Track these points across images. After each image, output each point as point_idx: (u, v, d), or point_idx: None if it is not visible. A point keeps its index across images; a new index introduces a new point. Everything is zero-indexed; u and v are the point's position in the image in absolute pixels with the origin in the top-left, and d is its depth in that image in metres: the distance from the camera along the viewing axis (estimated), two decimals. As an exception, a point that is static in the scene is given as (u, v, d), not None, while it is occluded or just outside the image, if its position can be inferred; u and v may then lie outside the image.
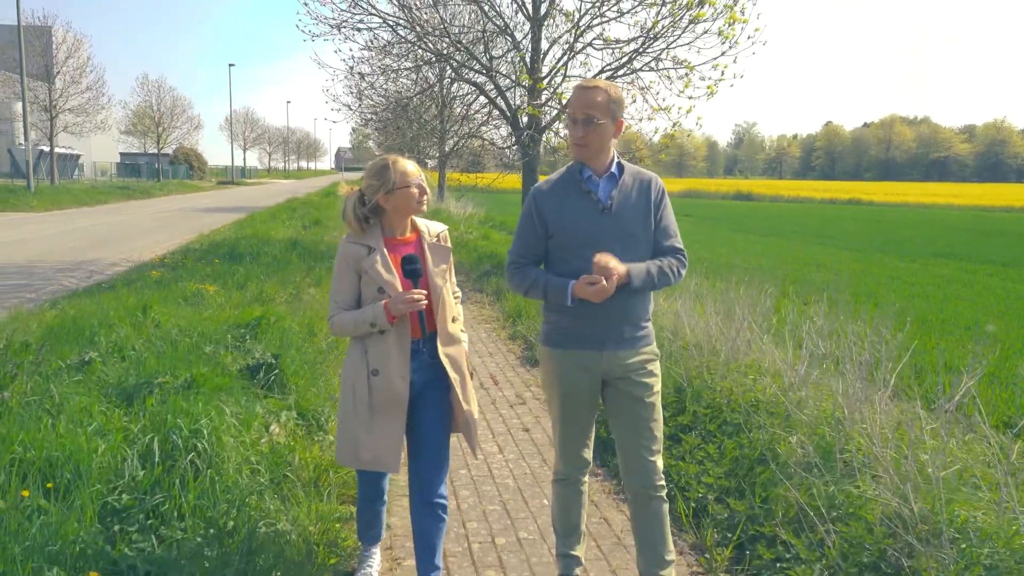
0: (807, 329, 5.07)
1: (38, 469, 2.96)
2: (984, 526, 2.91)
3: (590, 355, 2.81)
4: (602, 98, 2.69)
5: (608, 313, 2.76)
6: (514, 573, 3.35)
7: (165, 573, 2.45)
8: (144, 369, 4.39)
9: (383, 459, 2.77)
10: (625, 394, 2.85)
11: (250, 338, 5.65)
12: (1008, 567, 2.70)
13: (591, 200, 2.78)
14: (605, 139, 2.75)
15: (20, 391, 3.76)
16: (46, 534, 2.49)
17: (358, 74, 14.37)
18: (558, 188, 2.84)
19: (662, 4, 11.15)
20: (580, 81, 2.83)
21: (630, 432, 2.86)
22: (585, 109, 2.70)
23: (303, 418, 4.44)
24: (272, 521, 3.15)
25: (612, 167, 2.81)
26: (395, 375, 2.75)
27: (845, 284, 12.13)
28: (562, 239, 2.79)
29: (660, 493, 2.87)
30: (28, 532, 2.45)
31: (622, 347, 2.81)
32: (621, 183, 2.80)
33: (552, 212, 2.80)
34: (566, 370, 2.86)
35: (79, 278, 11.30)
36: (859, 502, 3.25)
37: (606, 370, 2.83)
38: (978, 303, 12.94)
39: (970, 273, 17.75)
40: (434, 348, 2.85)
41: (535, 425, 5.36)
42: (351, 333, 2.80)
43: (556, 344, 2.88)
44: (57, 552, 2.46)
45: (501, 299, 9.84)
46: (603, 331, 2.79)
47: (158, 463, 3.16)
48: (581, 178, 2.81)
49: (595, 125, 2.69)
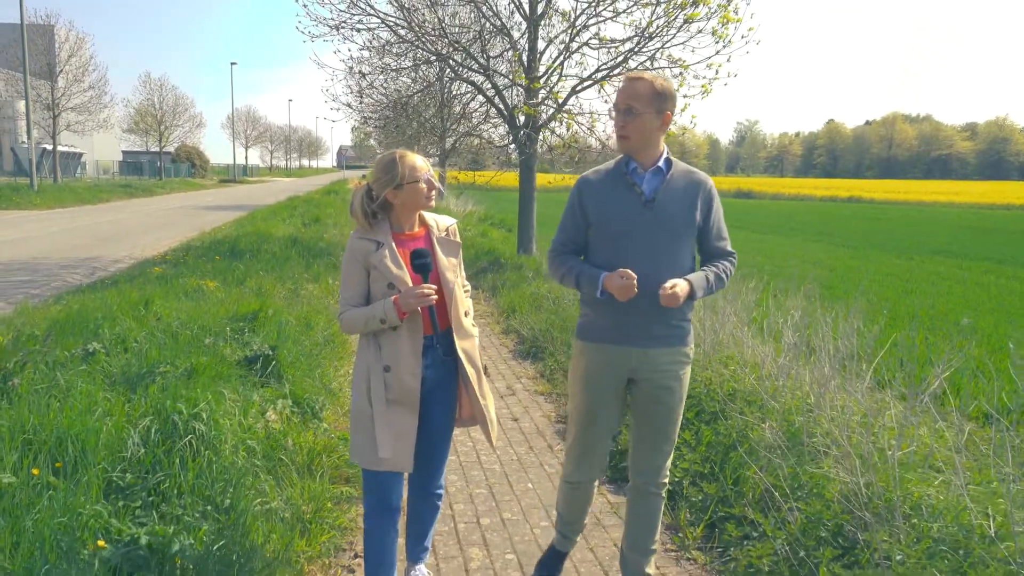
0: (784, 322, 5.26)
1: (48, 450, 3.15)
2: (936, 503, 3.09)
3: (619, 350, 2.80)
4: (645, 89, 2.65)
5: (639, 309, 2.72)
6: (497, 550, 3.54)
7: (166, 545, 2.64)
8: (146, 359, 4.59)
9: (396, 457, 2.70)
10: (648, 393, 2.83)
11: (248, 331, 5.85)
12: (955, 540, 2.88)
13: (634, 192, 2.75)
14: (647, 131, 2.70)
15: (29, 379, 3.97)
16: (55, 508, 2.68)
17: (358, 73, 14.54)
18: (604, 178, 2.82)
19: (656, 4, 11.33)
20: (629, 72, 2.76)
21: (646, 431, 2.88)
22: (627, 99, 2.66)
23: (298, 406, 4.63)
24: (267, 500, 3.34)
25: (660, 161, 2.77)
26: (406, 372, 2.71)
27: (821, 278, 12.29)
28: (601, 229, 2.78)
29: (662, 491, 2.93)
30: (39, 506, 2.63)
31: (651, 345, 2.78)
32: (668, 178, 2.76)
33: (594, 202, 2.79)
34: (593, 364, 2.85)
35: (83, 274, 11.50)
36: (821, 482, 3.44)
37: (634, 367, 2.81)
38: (970, 299, 13.12)
39: (965, 270, 17.91)
40: (448, 344, 2.83)
41: (523, 415, 5.54)
42: (361, 330, 2.75)
43: (587, 337, 2.87)
44: (66, 524, 2.65)
45: (496, 295, 10.03)
46: (632, 327, 2.76)
47: (159, 444, 3.35)
48: (627, 170, 2.78)
49: (635, 115, 2.65)
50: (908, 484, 3.22)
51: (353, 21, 12.41)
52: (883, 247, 23.18)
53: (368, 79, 15.44)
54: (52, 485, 2.87)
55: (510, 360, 7.19)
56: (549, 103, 12.41)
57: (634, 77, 2.70)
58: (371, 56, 14.94)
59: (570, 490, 3.06)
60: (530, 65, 12.39)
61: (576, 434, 2.95)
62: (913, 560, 2.79)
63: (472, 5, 12.74)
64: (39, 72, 38.65)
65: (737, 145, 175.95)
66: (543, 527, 3.79)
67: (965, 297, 13.48)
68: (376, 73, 15.57)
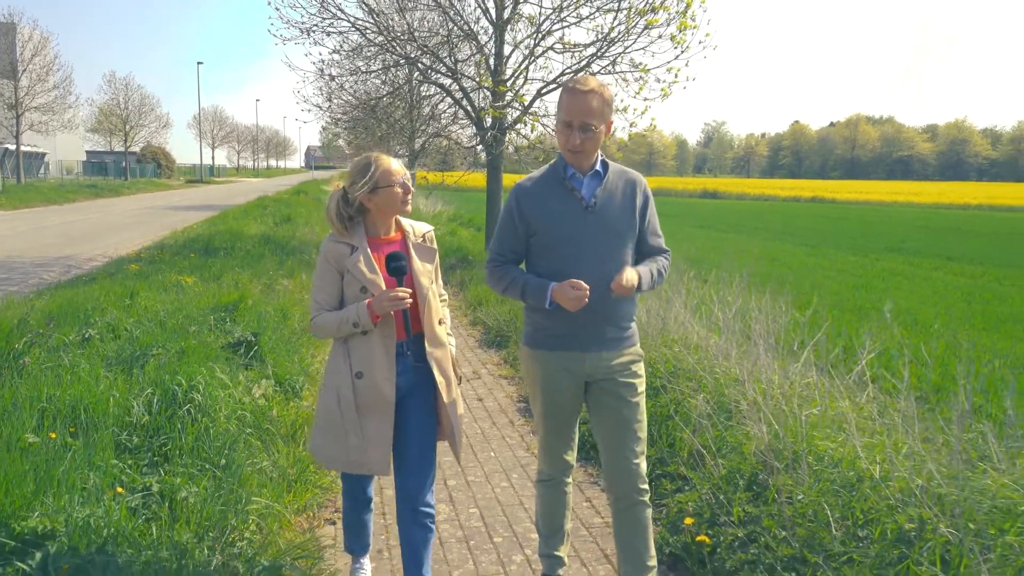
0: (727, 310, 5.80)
1: (62, 417, 3.56)
2: (835, 455, 3.62)
3: (573, 356, 2.77)
4: (597, 103, 2.61)
5: (591, 314, 2.71)
6: (461, 506, 4.02)
7: (174, 491, 3.07)
8: (139, 343, 4.99)
9: (372, 462, 2.70)
10: (608, 395, 2.82)
11: (230, 320, 6.25)
12: (849, 483, 3.40)
13: (575, 198, 2.73)
14: (599, 143, 2.72)
15: (36, 358, 4.36)
16: (77, 462, 3.09)
17: (327, 76, 14.89)
18: (541, 185, 2.79)
19: (617, 10, 11.84)
20: (571, 81, 2.68)
21: (613, 434, 2.84)
22: (582, 117, 2.62)
23: (280, 385, 5.07)
24: (257, 461, 3.77)
25: (597, 165, 2.76)
26: (380, 377, 2.68)
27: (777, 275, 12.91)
28: (544, 237, 2.74)
29: (644, 497, 2.86)
30: (64, 460, 3.04)
31: (605, 348, 2.78)
32: (606, 181, 2.76)
33: (534, 210, 2.75)
34: (549, 371, 2.81)
35: (58, 272, 11.74)
36: (743, 441, 3.96)
37: (589, 371, 2.79)
38: (915, 294, 13.83)
39: (916, 267, 18.63)
40: (420, 350, 2.78)
41: (488, 395, 6.02)
42: (334, 334, 2.72)
43: (539, 345, 2.84)
44: (87, 476, 3.06)
45: (464, 289, 10.50)
46: (586, 332, 2.75)
47: (160, 412, 3.77)
48: (565, 175, 2.75)
49: (592, 133, 2.64)
50: (814, 440, 3.75)
51: (324, 25, 12.78)
52: (840, 245, 23.82)
53: (337, 81, 15.77)
54: (70, 446, 3.28)
55: (476, 349, 7.67)
56: (515, 105, 12.87)
57: (583, 90, 2.61)
58: (341, 59, 15.30)
59: (544, 490, 3.04)
60: (497, 69, 12.82)
61: (542, 433, 2.98)
62: (810, 498, 3.31)
63: (440, 10, 13.16)
64: (1, 71, 38.25)
65: (704, 146, 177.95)
66: (503, 487, 4.27)
67: (912, 291, 14.17)
68: (346, 75, 15.91)
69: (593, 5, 12.02)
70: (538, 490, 3.10)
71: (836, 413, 4.17)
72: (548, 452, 2.99)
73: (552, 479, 3.02)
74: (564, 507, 3.07)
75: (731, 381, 4.79)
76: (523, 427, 5.30)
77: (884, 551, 2.93)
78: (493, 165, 13.60)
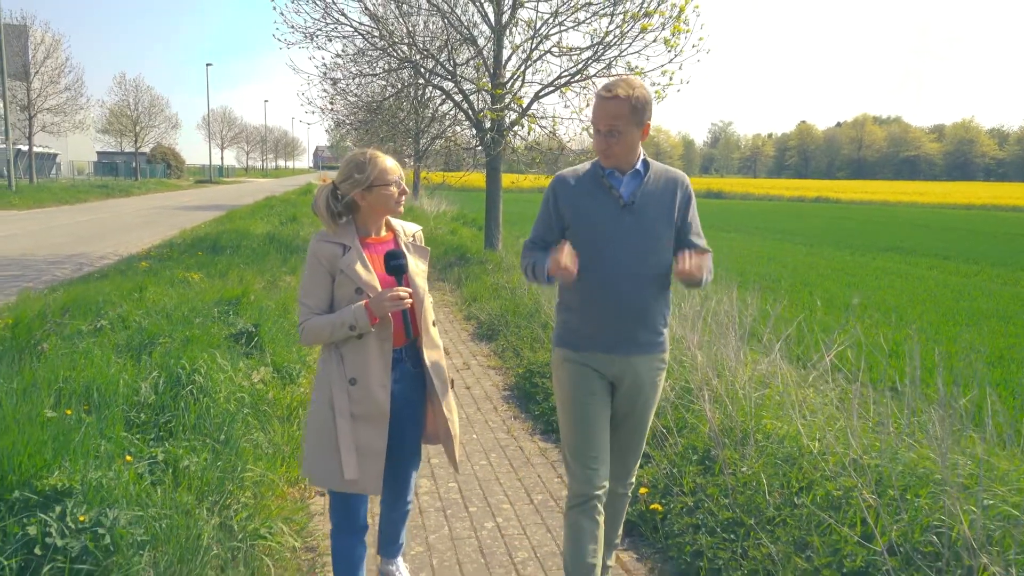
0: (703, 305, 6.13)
1: (77, 396, 3.92)
2: (780, 432, 3.95)
3: (604, 358, 2.73)
4: (624, 109, 2.58)
5: (623, 315, 2.69)
6: (441, 480, 4.36)
7: (178, 460, 3.43)
8: (147, 333, 5.36)
9: (364, 479, 2.55)
10: (625, 400, 2.80)
11: (232, 313, 6.63)
12: (791, 457, 3.73)
13: (612, 196, 2.70)
14: (631, 145, 2.66)
15: (53, 345, 4.75)
16: (90, 433, 3.45)
17: (331, 80, 15.26)
18: (580, 181, 2.77)
19: (612, 14, 12.16)
20: (601, 88, 2.65)
21: (620, 439, 2.85)
22: (609, 121, 2.60)
23: (278, 372, 5.44)
24: (253, 438, 4.13)
25: (638, 164, 2.73)
26: (375, 384, 2.55)
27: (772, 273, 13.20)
28: (580, 233, 2.70)
29: (628, 490, 2.98)
30: (78, 432, 3.40)
31: (635, 352, 2.73)
32: (646, 180, 2.73)
33: (570, 205, 2.74)
34: (579, 371, 2.75)
35: (70, 269, 12.16)
36: (700, 421, 4.29)
37: (617, 374, 2.75)
38: (905, 291, 14.06)
39: (912, 265, 18.77)
40: (417, 357, 2.71)
41: (476, 384, 6.37)
42: (327, 339, 2.55)
43: (568, 345, 2.80)
44: (99, 445, 3.42)
45: (461, 287, 10.87)
46: (617, 333, 2.71)
47: (166, 392, 4.14)
48: (604, 173, 2.73)
49: (619, 136, 2.62)
50: (763, 419, 4.09)
51: (327, 29, 13.16)
52: (839, 244, 23.94)
53: (341, 84, 16.15)
54: (84, 420, 3.64)
55: (468, 342, 8.02)
56: (513, 108, 13.21)
57: (609, 96, 2.59)
58: (345, 62, 15.69)
59: (574, 517, 2.75)
60: (495, 72, 13.16)
61: (571, 442, 2.78)
62: (753, 470, 3.65)
63: (440, 15, 13.52)
64: (15, 73, 38.82)
65: (711, 146, 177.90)
66: (481, 465, 4.62)
67: (903, 289, 14.37)
68: (350, 78, 16.29)
69: (589, 10, 12.34)
70: (567, 519, 2.80)
71: (793, 398, 4.50)
72: (579, 464, 2.75)
73: (583, 500, 2.73)
74: (596, 542, 2.74)
75: (697, 367, 5.13)
76: (506, 413, 5.64)
77: (812, 515, 3.26)
78: (492, 166, 13.95)
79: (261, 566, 3.09)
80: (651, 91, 12.67)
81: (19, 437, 3.09)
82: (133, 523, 2.83)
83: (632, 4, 11.89)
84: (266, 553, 3.17)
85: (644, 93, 2.62)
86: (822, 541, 3.09)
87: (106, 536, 2.71)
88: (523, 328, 7.41)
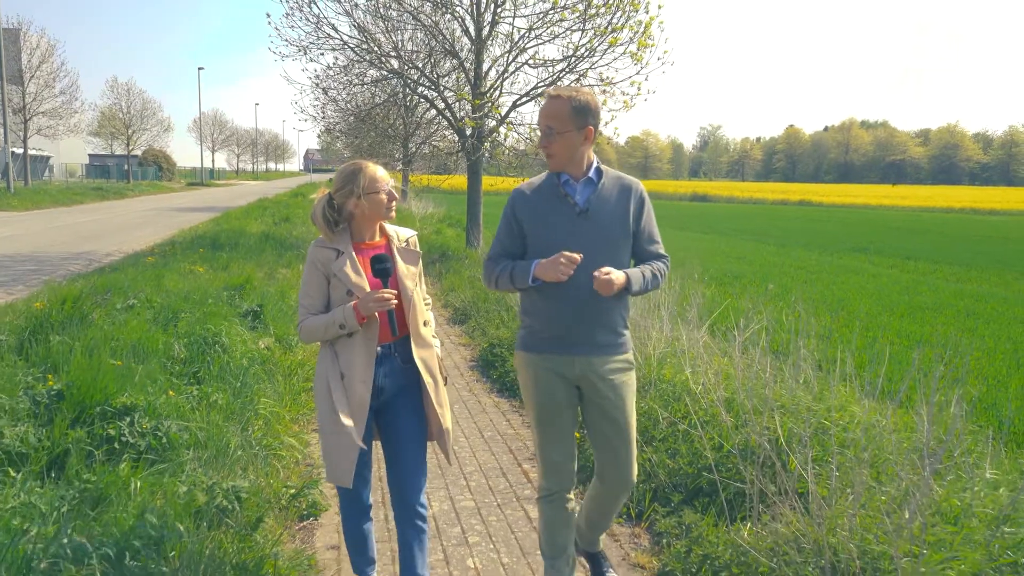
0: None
1: (125, 352, 5.00)
2: (681, 382, 5.06)
3: (563, 360, 2.79)
4: (562, 108, 2.67)
5: (582, 317, 2.74)
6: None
7: (208, 396, 4.52)
8: (171, 310, 6.45)
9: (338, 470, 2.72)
10: (598, 404, 2.83)
11: (238, 297, 7.71)
12: (679, 395, 4.84)
13: (568, 204, 2.77)
14: (571, 148, 2.72)
15: (100, 316, 5.84)
16: (141, 374, 4.53)
17: (322, 90, 16.30)
18: (537, 191, 2.84)
19: (582, 30, 13.22)
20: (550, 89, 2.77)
21: (606, 443, 2.87)
22: (546, 119, 2.70)
23: (280, 342, 6.53)
24: (263, 386, 5.22)
25: (590, 172, 2.80)
26: (357, 380, 2.69)
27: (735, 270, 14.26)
28: (538, 242, 2.78)
29: (630, 489, 2.98)
30: (134, 374, 4.48)
31: (596, 353, 2.78)
32: (600, 188, 2.79)
33: (528, 214, 2.81)
34: (541, 374, 2.82)
35: (82, 265, 13.15)
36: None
37: (579, 375, 2.80)
38: (858, 287, 14.97)
39: (875, 265, 19.48)
40: (406, 352, 2.82)
41: (446, 357, 7.46)
42: (321, 337, 2.74)
43: (530, 348, 2.87)
44: (149, 383, 4.50)
45: (441, 280, 11.97)
46: (576, 335, 2.76)
47: (194, 350, 5.23)
48: (559, 181, 2.80)
49: (556, 134, 2.69)
50: (664, 371, 5.20)
51: (319, 43, 14.19)
52: (809, 245, 24.75)
53: (330, 94, 17.15)
54: (133, 369, 4.72)
55: (444, 325, 9.12)
56: (492, 116, 14.25)
57: (552, 95, 2.71)
58: (336, 73, 16.75)
59: (546, 507, 2.95)
60: (476, 82, 14.19)
61: (540, 444, 2.90)
62: (649, 405, 4.76)
63: (424, 29, 14.57)
64: (9, 77, 39.51)
65: (700, 150, 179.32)
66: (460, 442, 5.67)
67: (858, 285, 15.22)
68: (340, 88, 17.32)
69: (563, 25, 13.39)
70: (540, 508, 2.99)
71: (688, 355, 5.62)
72: (547, 463, 2.90)
73: (553, 494, 2.92)
74: (567, 527, 2.96)
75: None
76: (470, 377, 6.73)
77: (687, 433, 4.36)
78: (473, 170, 14.98)
79: (273, 467, 4.18)
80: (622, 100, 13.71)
81: (99, 373, 4.17)
82: (181, 430, 3.92)
83: (602, 20, 12.88)
84: (276, 459, 4.25)
85: (588, 98, 2.72)
86: (688, 448, 4.20)
87: (163, 437, 3.81)
88: (491, 312, 8.50)
